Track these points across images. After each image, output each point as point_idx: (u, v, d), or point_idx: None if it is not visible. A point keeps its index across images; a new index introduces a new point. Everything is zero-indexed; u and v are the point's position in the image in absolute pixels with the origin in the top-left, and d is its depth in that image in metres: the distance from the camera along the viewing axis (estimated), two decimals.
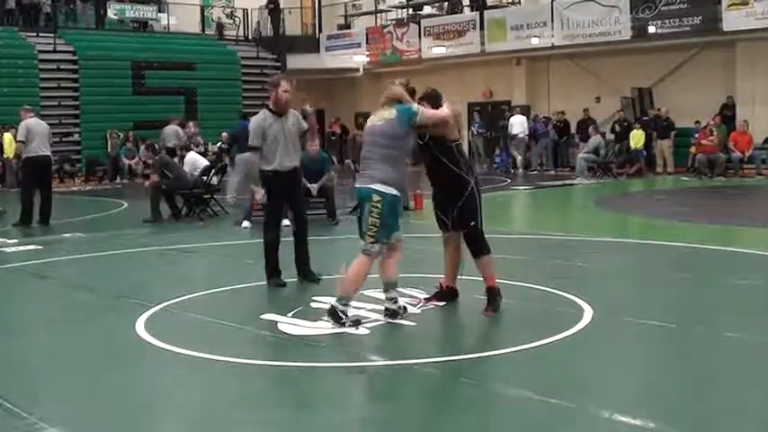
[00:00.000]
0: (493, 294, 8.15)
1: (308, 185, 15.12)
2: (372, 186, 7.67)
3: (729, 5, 24.92)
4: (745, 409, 5.56)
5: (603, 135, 26.98)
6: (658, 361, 6.84)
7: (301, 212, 10.24)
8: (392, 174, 7.70)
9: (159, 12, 34.06)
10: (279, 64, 34.81)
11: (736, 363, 6.63)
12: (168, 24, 34.50)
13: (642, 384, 6.23)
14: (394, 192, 7.67)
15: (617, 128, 27.43)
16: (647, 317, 7.95)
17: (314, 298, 8.80)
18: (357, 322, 7.66)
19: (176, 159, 18.56)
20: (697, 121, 26.04)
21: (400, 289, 8.47)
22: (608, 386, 6.14)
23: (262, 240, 10.00)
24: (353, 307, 7.97)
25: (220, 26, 35.96)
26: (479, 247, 8.15)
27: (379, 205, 7.63)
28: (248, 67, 34.11)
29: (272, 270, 9.87)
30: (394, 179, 7.71)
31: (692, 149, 25.29)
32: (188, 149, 19.78)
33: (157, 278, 11.10)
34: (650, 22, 26.70)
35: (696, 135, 25.47)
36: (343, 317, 7.63)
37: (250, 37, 36.10)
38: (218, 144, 29.75)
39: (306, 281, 9.93)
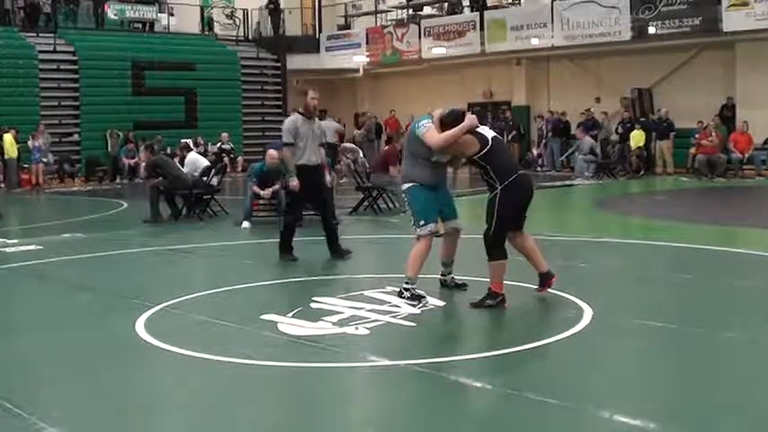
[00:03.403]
0: (488, 295, 8.28)
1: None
2: (402, 182, 8.92)
3: (729, 6, 24.87)
4: (746, 409, 5.56)
5: (595, 137, 26.80)
6: (659, 361, 6.84)
7: (326, 199, 12.04)
8: (413, 170, 8.79)
9: (159, 12, 34.02)
10: (279, 64, 34.92)
11: (737, 364, 6.64)
12: (168, 24, 34.49)
13: (642, 385, 6.24)
14: (409, 184, 8.76)
15: (620, 129, 27.44)
16: (647, 317, 7.96)
17: (314, 298, 8.79)
18: (418, 298, 8.53)
19: (176, 160, 18.54)
20: (699, 122, 26.00)
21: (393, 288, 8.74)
22: (608, 387, 6.15)
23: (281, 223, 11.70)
24: (352, 307, 8.24)
25: (211, 21, 35.75)
26: (489, 252, 8.33)
27: (404, 195, 8.93)
28: (248, 68, 34.14)
29: (287, 247, 11.47)
30: (415, 174, 8.75)
31: (692, 150, 25.29)
32: (188, 150, 19.76)
33: (157, 278, 11.09)
34: (650, 23, 26.67)
35: (696, 135, 25.47)
36: (406, 293, 8.58)
37: (250, 37, 36.09)
38: (218, 144, 29.86)
39: (337, 257, 11.57)
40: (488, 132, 8.55)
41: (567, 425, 5.36)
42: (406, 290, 8.61)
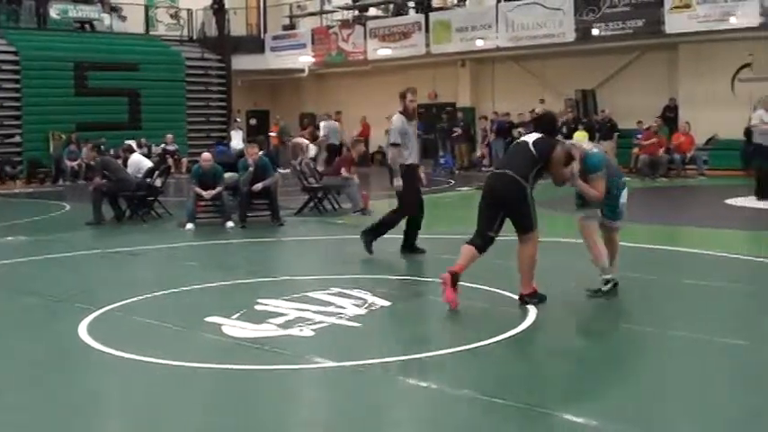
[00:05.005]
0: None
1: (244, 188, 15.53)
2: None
3: (672, 8, 25.16)
4: (692, 407, 5.68)
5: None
6: (603, 359, 6.94)
7: (421, 199, 12.08)
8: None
9: (103, 12, 33.63)
10: (223, 65, 34.70)
11: (684, 361, 6.74)
12: (112, 24, 34.12)
13: (586, 382, 6.31)
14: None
15: (564, 129, 27.58)
16: (592, 316, 8.12)
17: (258, 300, 8.77)
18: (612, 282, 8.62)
19: (119, 161, 18.36)
20: (639, 122, 26.41)
21: (346, 291, 8.78)
22: (553, 385, 6.21)
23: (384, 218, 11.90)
24: (297, 309, 8.25)
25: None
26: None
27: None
28: (193, 68, 33.86)
29: (374, 238, 11.72)
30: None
31: (636, 150, 25.54)
32: (131, 151, 19.57)
33: (101, 281, 10.95)
34: (594, 25, 26.85)
35: (638, 136, 25.76)
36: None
37: (194, 37, 35.82)
38: (162, 146, 29.62)
39: (411, 253, 11.70)
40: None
41: (514, 423, 5.41)
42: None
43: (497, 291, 8.83)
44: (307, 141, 26.30)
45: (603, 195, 8.51)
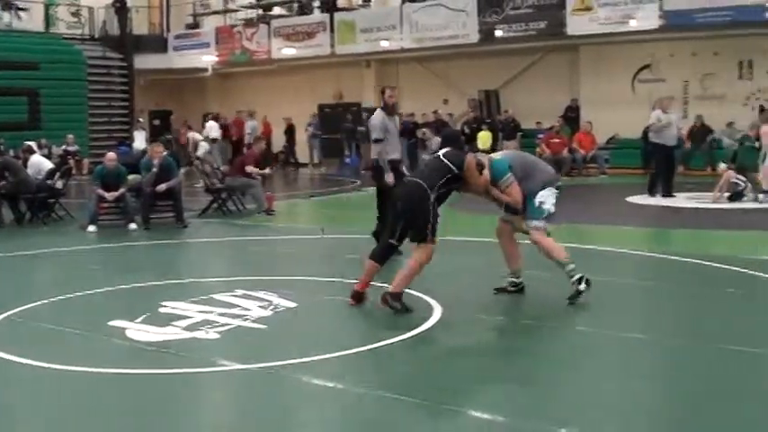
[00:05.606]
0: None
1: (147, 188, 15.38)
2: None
3: (574, 11, 25.65)
4: (592, 397, 5.83)
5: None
6: (509, 356, 7.03)
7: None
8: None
9: (2, 9, 32.85)
10: (126, 64, 34.09)
11: (588, 355, 6.90)
12: (11, 22, 33.34)
13: (493, 379, 6.36)
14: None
15: (466, 129, 27.76)
16: (495, 313, 8.24)
17: (162, 303, 8.66)
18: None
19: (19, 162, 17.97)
20: (538, 122, 26.95)
21: (251, 292, 8.86)
22: (460, 382, 6.22)
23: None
24: (202, 312, 8.20)
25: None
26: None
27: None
28: (94, 67, 33.11)
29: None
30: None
31: (539, 150, 25.86)
32: (31, 152, 19.16)
33: (0, 286, 10.66)
34: (497, 26, 27.16)
35: (541, 136, 26.15)
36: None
37: (96, 36, 35.11)
38: (63, 146, 29.03)
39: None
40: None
41: (422, 422, 5.44)
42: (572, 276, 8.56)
43: (405, 290, 8.67)
44: (200, 138, 26.02)
45: (520, 198, 8.54)
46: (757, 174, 17.82)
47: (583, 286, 8.45)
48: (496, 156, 8.96)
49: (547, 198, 8.69)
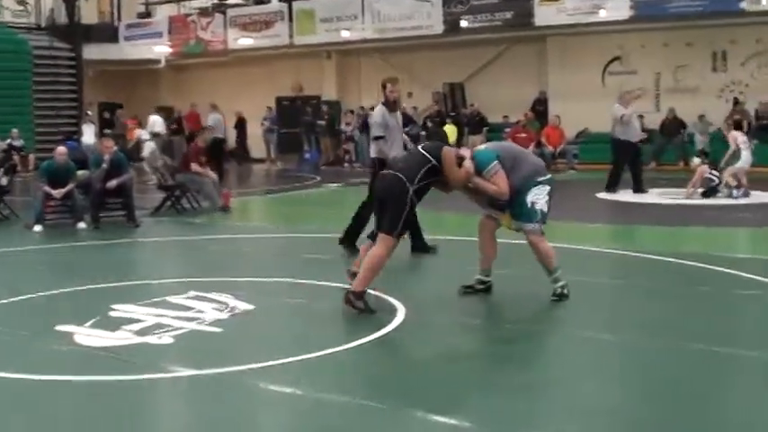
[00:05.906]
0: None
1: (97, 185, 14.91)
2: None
3: (541, 1, 25.55)
4: (559, 399, 5.82)
5: (407, 133, 26.54)
6: (471, 359, 6.96)
7: None
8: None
9: None
10: (74, 54, 33.14)
11: (557, 357, 7.01)
12: None
13: (458, 383, 6.24)
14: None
15: (428, 123, 27.24)
16: (458, 314, 8.20)
17: (113, 306, 8.41)
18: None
19: None
20: (505, 116, 26.78)
21: (206, 294, 8.78)
22: (423, 386, 6.15)
23: None
24: (155, 315, 8.10)
25: None
26: None
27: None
28: (40, 58, 32.11)
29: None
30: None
31: None
32: None
33: None
34: (462, 17, 26.98)
35: (507, 130, 25.77)
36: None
37: (43, 25, 34.17)
38: (7, 141, 27.91)
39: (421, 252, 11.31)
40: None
41: (383, 427, 5.40)
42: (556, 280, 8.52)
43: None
44: (146, 137, 24.88)
45: (506, 188, 8.34)
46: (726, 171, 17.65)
47: (566, 291, 8.46)
48: (481, 147, 8.96)
49: (538, 198, 8.51)
